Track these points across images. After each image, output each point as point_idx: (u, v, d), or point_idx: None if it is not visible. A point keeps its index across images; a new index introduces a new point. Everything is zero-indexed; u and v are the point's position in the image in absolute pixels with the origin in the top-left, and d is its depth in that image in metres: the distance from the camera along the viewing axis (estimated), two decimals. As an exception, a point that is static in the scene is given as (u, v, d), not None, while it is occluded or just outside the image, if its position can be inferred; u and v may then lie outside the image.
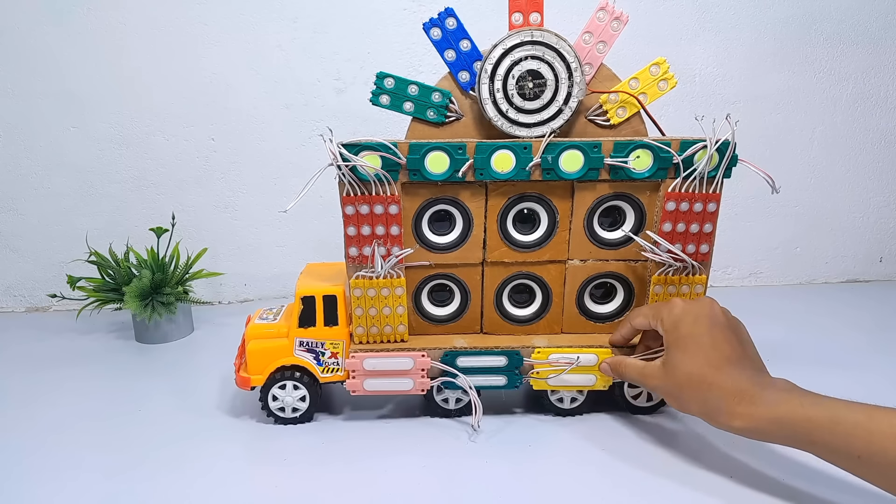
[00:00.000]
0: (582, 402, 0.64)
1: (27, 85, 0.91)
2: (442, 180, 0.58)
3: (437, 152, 0.57)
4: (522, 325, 0.65)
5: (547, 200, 0.61)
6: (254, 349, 0.62)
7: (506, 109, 0.58)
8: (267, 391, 0.63)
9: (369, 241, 0.59)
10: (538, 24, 0.57)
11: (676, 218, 0.59)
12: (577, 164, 0.58)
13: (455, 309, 0.65)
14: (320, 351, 0.62)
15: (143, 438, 0.62)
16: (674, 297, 0.61)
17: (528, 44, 0.57)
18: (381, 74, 0.58)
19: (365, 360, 0.61)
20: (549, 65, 0.57)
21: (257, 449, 0.60)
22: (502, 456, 0.58)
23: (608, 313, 0.65)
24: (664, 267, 0.61)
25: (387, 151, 0.56)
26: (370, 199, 0.58)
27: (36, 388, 0.73)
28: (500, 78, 0.57)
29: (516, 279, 0.64)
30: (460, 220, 0.61)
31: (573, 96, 0.58)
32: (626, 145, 0.58)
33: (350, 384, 0.62)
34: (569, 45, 0.57)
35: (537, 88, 0.58)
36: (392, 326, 0.62)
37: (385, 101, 0.59)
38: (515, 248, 0.62)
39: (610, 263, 0.63)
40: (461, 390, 0.63)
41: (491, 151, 0.57)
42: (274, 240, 1.00)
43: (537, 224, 0.62)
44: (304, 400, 0.63)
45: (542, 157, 0.58)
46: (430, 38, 0.57)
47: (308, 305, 0.61)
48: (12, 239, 0.97)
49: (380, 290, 0.61)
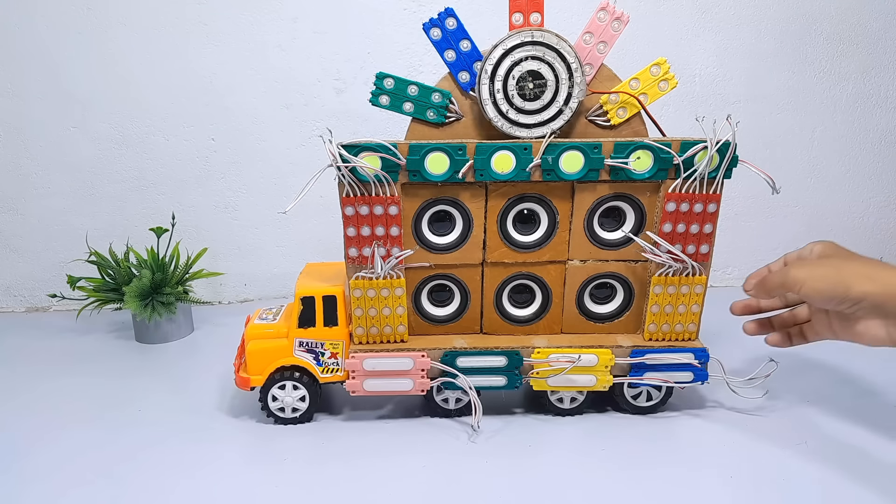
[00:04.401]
0: (582, 401, 0.64)
1: (27, 85, 0.91)
2: (442, 181, 0.58)
3: (437, 153, 0.57)
4: (522, 325, 0.65)
5: (547, 201, 0.61)
6: (253, 349, 0.62)
7: (506, 110, 0.58)
8: (267, 391, 0.63)
9: (369, 241, 0.59)
10: (538, 25, 0.57)
11: (677, 218, 0.60)
12: (578, 165, 0.58)
13: (455, 309, 0.65)
14: (320, 351, 0.62)
15: (142, 438, 0.62)
16: (672, 296, 0.62)
17: (529, 44, 0.57)
18: (381, 75, 0.58)
19: (365, 361, 0.61)
20: (549, 65, 0.57)
21: (257, 448, 0.60)
22: (502, 455, 0.58)
23: (608, 313, 0.65)
24: (664, 268, 0.61)
25: (386, 152, 0.56)
26: (370, 200, 0.58)
27: (36, 388, 0.73)
28: (501, 78, 0.57)
29: (516, 279, 0.64)
30: (460, 220, 0.61)
31: (573, 97, 0.58)
32: (627, 146, 0.58)
33: (350, 384, 0.62)
34: (569, 46, 0.57)
35: (538, 89, 0.58)
36: (392, 327, 0.62)
37: (385, 101, 0.59)
38: (515, 248, 0.62)
39: (610, 264, 0.63)
40: (461, 390, 0.63)
41: (491, 152, 0.57)
42: (274, 240, 1.00)
43: (537, 224, 0.62)
44: (303, 400, 0.63)
45: (542, 157, 0.58)
46: (429, 38, 0.57)
47: (308, 306, 0.61)
48: (12, 239, 0.97)
49: (379, 290, 0.61)
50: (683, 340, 0.64)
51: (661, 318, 0.63)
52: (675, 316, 0.63)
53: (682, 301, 0.62)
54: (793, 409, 0.65)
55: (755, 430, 0.61)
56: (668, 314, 0.63)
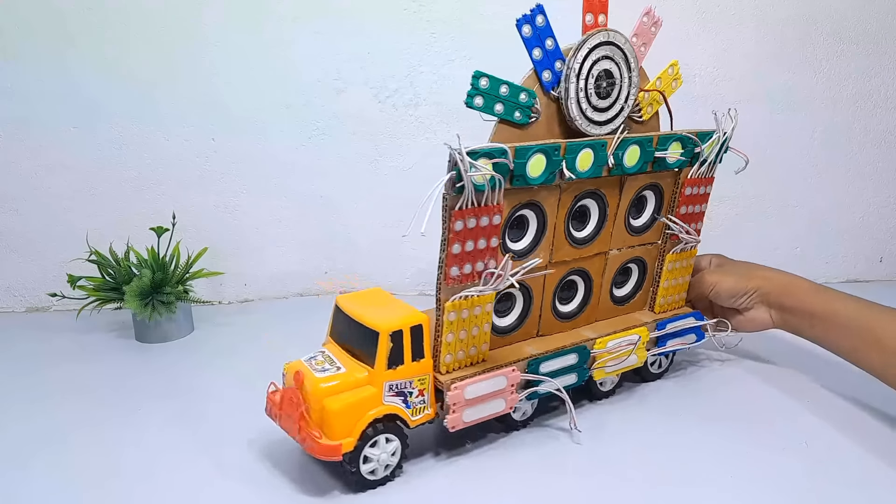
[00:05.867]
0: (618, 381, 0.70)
1: (27, 85, 0.91)
2: (538, 184, 0.56)
3: (538, 155, 0.55)
4: (569, 320, 0.67)
5: (601, 195, 0.63)
6: (337, 408, 0.51)
7: (585, 108, 0.59)
8: (359, 455, 0.52)
9: (472, 257, 0.54)
10: (604, 25, 0.59)
11: (690, 201, 0.69)
12: (636, 159, 0.62)
13: (518, 317, 0.63)
14: (409, 391, 0.54)
15: (142, 438, 0.62)
16: (678, 270, 0.73)
17: (605, 44, 0.58)
18: (478, 74, 0.52)
19: (466, 389, 0.56)
20: (616, 64, 0.59)
21: (257, 448, 0.60)
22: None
23: (626, 295, 0.71)
24: (680, 244, 0.70)
25: (502, 156, 0.52)
26: (478, 212, 0.53)
27: (36, 388, 0.73)
28: (584, 77, 0.58)
29: (568, 276, 0.65)
30: (534, 224, 0.60)
31: (631, 95, 0.61)
32: (668, 138, 0.64)
33: (451, 420, 0.55)
34: (631, 46, 0.60)
35: (609, 87, 0.60)
36: (476, 347, 0.58)
37: (479, 102, 0.53)
38: (575, 245, 0.63)
39: (636, 249, 0.69)
40: (532, 400, 0.62)
41: (578, 151, 0.57)
42: (274, 240, 1.00)
43: (588, 219, 0.64)
44: (394, 454, 0.55)
45: (614, 153, 0.59)
46: (521, 35, 0.55)
47: (396, 342, 0.53)
48: (12, 239, 0.97)
49: (472, 309, 0.56)
50: (679, 308, 0.74)
51: (669, 291, 0.72)
52: (677, 287, 0.73)
53: (683, 273, 0.73)
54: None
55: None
56: (673, 287, 0.73)
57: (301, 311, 0.96)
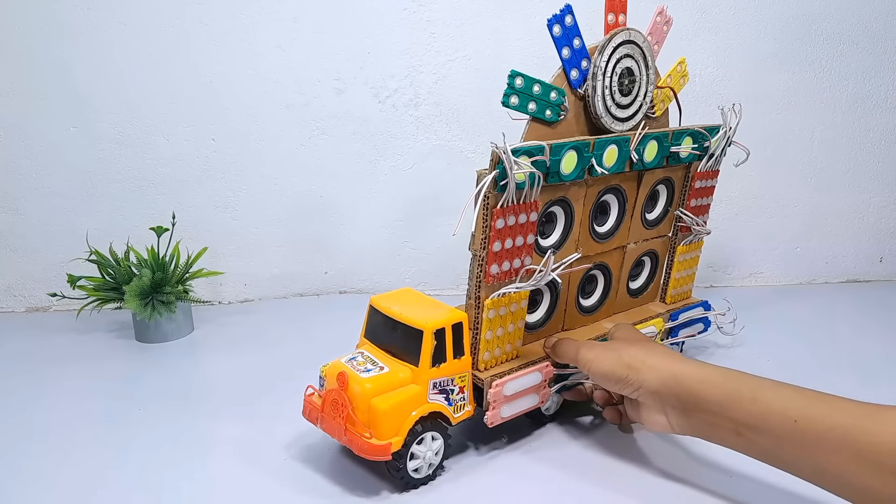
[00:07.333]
0: None
1: (27, 85, 0.91)
2: (570, 180, 0.57)
3: (570, 152, 0.56)
4: (590, 314, 0.68)
5: (622, 190, 0.64)
6: (386, 407, 0.51)
7: (609, 105, 0.60)
8: (407, 453, 0.52)
9: (510, 255, 0.55)
10: (624, 24, 0.60)
11: (699, 194, 0.72)
12: (654, 154, 0.64)
13: (545, 312, 0.64)
14: (451, 388, 0.55)
15: (142, 438, 0.62)
16: (688, 261, 0.74)
17: (627, 43, 0.60)
18: (514, 73, 0.52)
19: (506, 386, 0.57)
20: (636, 62, 0.61)
21: (257, 448, 0.60)
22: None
23: (640, 287, 0.73)
24: (691, 236, 0.73)
25: (540, 154, 0.53)
26: (517, 209, 0.53)
27: (36, 388, 0.73)
28: (609, 75, 0.59)
29: (590, 271, 0.66)
30: (562, 220, 0.60)
31: (649, 92, 0.63)
32: (682, 134, 0.66)
33: (490, 416, 0.56)
34: (649, 45, 0.61)
35: (630, 84, 0.61)
36: (511, 344, 0.59)
37: (514, 101, 0.54)
38: (598, 240, 0.64)
39: (650, 242, 0.71)
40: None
41: (605, 147, 0.59)
42: (274, 240, 1.00)
43: (608, 214, 0.65)
44: (438, 453, 0.55)
45: (636, 149, 0.61)
46: (551, 34, 0.55)
47: (439, 339, 0.53)
48: (12, 239, 0.97)
49: (510, 306, 0.57)
50: (687, 298, 0.77)
51: (679, 283, 0.75)
52: (686, 279, 0.76)
53: (692, 264, 0.75)
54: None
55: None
56: (683, 278, 0.75)
57: (301, 311, 0.96)
